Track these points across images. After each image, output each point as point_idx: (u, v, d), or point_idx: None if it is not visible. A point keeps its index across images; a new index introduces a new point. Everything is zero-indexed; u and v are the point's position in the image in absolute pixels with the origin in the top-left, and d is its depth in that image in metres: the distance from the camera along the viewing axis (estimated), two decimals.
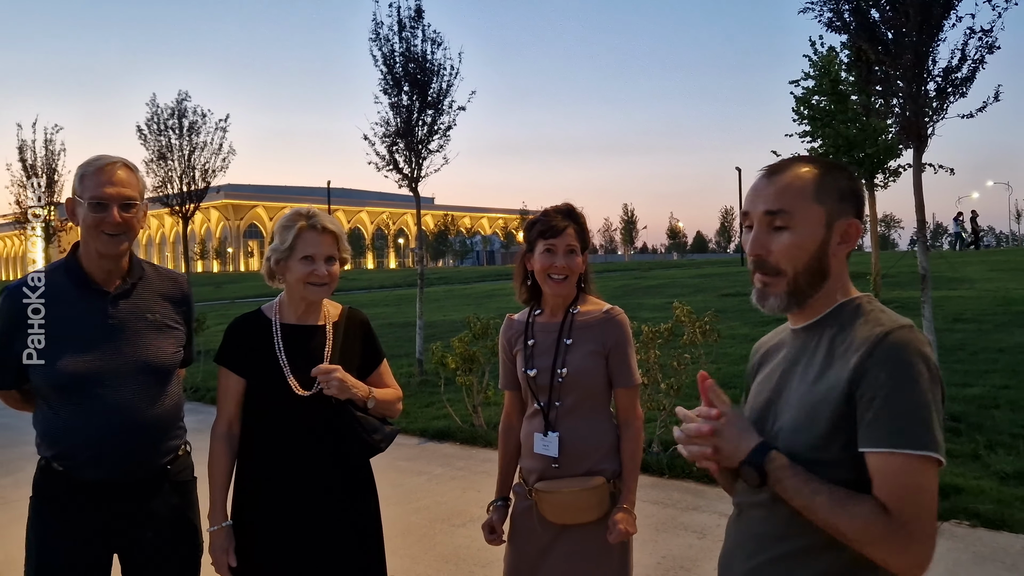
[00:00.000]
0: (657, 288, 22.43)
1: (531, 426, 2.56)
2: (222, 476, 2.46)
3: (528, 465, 2.57)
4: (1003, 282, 17.51)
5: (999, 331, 10.92)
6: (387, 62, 11.06)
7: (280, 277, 2.50)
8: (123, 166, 2.30)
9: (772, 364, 1.64)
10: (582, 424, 2.48)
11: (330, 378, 2.34)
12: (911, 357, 1.35)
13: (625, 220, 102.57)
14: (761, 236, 1.51)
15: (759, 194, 1.53)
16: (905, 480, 1.31)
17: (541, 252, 2.51)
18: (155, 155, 16.06)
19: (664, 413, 6.48)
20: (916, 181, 7.13)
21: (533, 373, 2.53)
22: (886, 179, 17.31)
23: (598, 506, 2.40)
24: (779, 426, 1.50)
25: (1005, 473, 5.53)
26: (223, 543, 2.41)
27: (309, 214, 2.48)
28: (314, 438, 2.42)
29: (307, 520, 2.40)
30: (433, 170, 11.43)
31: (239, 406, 2.49)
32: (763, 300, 1.54)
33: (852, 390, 1.37)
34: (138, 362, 2.31)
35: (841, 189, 1.51)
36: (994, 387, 7.99)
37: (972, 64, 6.62)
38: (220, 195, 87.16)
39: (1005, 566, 4.21)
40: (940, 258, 27.28)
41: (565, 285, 2.51)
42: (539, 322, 2.61)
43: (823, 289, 1.52)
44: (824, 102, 16.98)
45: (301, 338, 2.49)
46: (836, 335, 1.48)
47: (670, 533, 4.88)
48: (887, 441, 1.32)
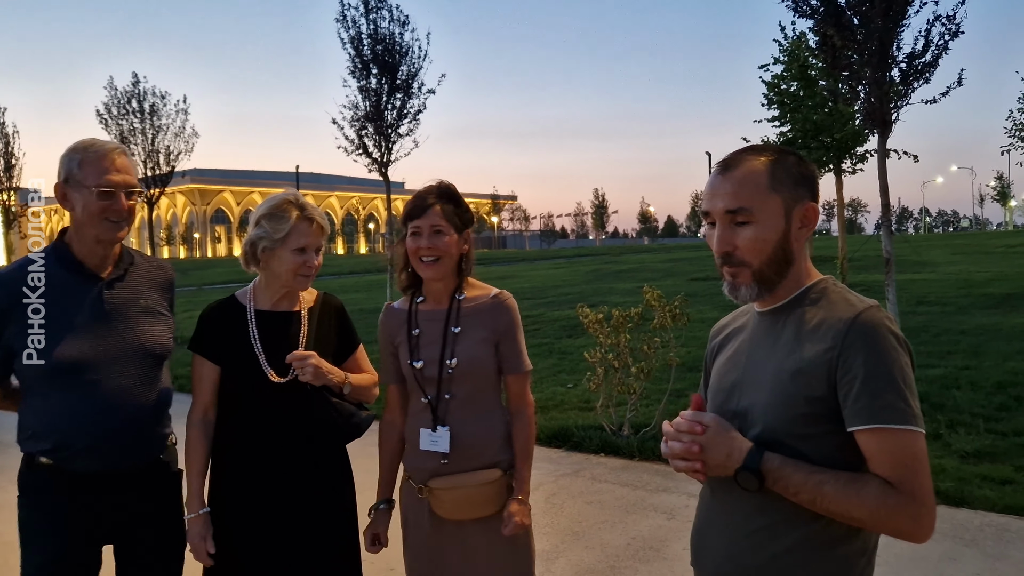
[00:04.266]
0: (628, 272, 22.56)
1: (417, 422, 2.41)
2: (199, 463, 2.44)
3: (414, 464, 2.42)
4: (965, 265, 17.88)
5: (961, 313, 11.15)
6: (354, 44, 10.98)
7: (264, 264, 2.46)
8: (122, 152, 2.29)
9: (735, 345, 1.67)
10: (473, 417, 2.36)
11: (305, 364, 2.32)
12: (884, 335, 1.42)
13: (596, 205, 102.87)
14: (725, 233, 1.54)
15: (717, 192, 1.55)
16: (901, 453, 1.37)
17: (409, 234, 2.35)
18: (117, 139, 15.79)
19: (635, 396, 6.53)
20: (881, 166, 7.23)
21: (419, 365, 2.37)
22: (853, 164, 17.54)
23: (496, 499, 2.32)
24: (747, 404, 1.54)
25: (965, 452, 5.66)
26: (201, 530, 2.39)
27: (300, 204, 2.44)
28: (289, 424, 2.41)
29: (283, 506, 2.40)
30: (403, 154, 11.42)
31: (214, 393, 2.47)
32: (735, 292, 1.58)
33: (831, 371, 1.42)
34: (135, 347, 2.29)
35: (794, 175, 1.54)
36: (955, 368, 8.17)
37: (936, 50, 6.72)
38: (186, 180, 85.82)
39: (964, 541, 4.31)
40: (904, 242, 27.76)
41: (436, 268, 2.33)
42: (423, 310, 2.44)
43: (789, 274, 1.56)
44: (793, 87, 17.14)
45: (276, 324, 2.48)
46: (804, 316, 1.52)
47: (639, 515, 4.94)
48: (876, 418, 1.38)
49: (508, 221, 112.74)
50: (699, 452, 1.48)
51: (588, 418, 7.10)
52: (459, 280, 2.43)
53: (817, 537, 1.46)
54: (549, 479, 5.74)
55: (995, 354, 8.60)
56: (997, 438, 5.96)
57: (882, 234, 7.23)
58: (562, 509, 5.11)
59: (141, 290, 2.39)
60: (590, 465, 6.10)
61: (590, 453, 6.39)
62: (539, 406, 7.94)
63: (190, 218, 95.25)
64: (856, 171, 17.76)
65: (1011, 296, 12.18)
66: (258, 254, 2.45)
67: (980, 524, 4.54)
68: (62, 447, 2.22)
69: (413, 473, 2.42)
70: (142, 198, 2.70)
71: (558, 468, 6.03)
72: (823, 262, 19.33)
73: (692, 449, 1.48)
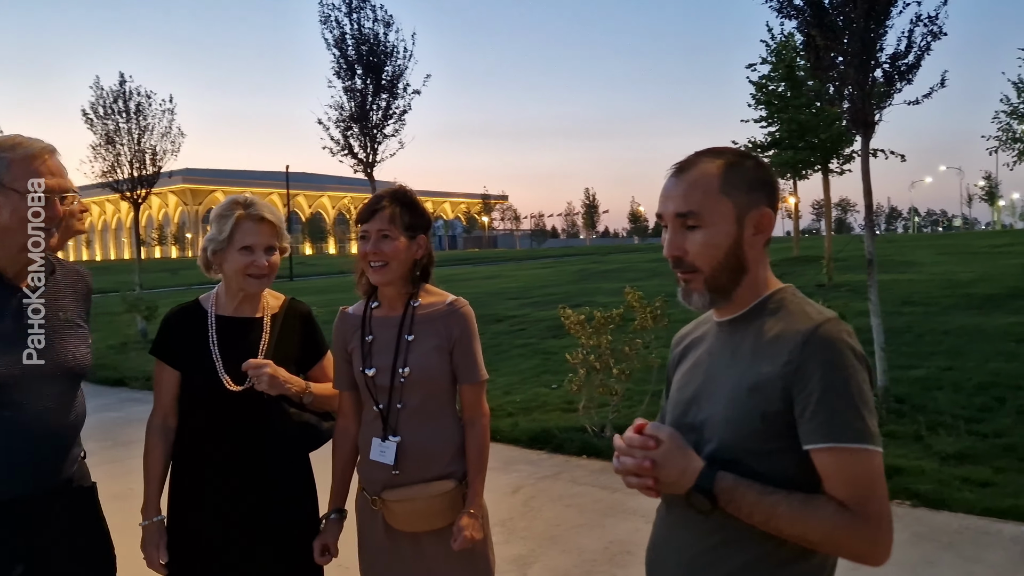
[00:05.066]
0: (614, 272, 22.55)
1: (369, 431, 2.34)
2: (156, 469, 2.40)
3: (366, 474, 2.35)
4: (950, 265, 17.93)
5: (945, 314, 11.16)
6: (338, 45, 10.91)
7: (217, 268, 2.43)
8: (52, 152, 2.09)
9: (695, 356, 1.63)
10: (426, 427, 2.29)
11: (260, 373, 2.27)
12: (842, 349, 1.37)
13: (587, 204, 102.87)
14: (676, 238, 1.50)
15: (669, 195, 1.51)
16: (857, 473, 1.33)
17: (359, 238, 2.31)
18: (103, 139, 15.67)
19: (616, 398, 6.50)
20: (864, 167, 7.22)
21: (372, 373, 2.31)
22: (840, 165, 17.60)
23: (450, 510, 2.26)
24: (704, 417, 1.50)
25: (946, 454, 5.65)
26: (154, 538, 2.35)
27: (247, 202, 2.41)
28: (246, 434, 2.36)
29: (240, 517, 2.35)
30: (389, 155, 11.36)
31: (175, 399, 2.44)
32: (687, 297, 1.54)
33: (787, 387, 1.38)
34: (58, 364, 2.09)
35: (749, 180, 1.49)
36: (938, 368, 8.16)
37: (918, 51, 6.71)
38: (178, 179, 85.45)
39: (942, 544, 4.30)
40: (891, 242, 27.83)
41: (383, 272, 2.27)
42: (376, 316, 2.37)
43: (744, 282, 1.51)
44: (781, 88, 17.19)
45: (237, 331, 2.43)
46: (761, 328, 1.48)
47: (617, 518, 4.91)
48: (832, 436, 1.33)
49: (499, 221, 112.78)
50: (651, 468, 1.43)
51: (570, 420, 7.07)
52: (415, 286, 2.37)
53: (773, 556, 1.41)
54: (528, 482, 5.71)
55: (977, 355, 8.61)
56: (978, 440, 5.95)
57: (864, 235, 7.22)
58: (540, 513, 5.08)
59: (59, 300, 2.19)
60: (570, 467, 6.07)
61: (571, 455, 6.36)
62: (522, 407, 7.94)
63: (182, 218, 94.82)
64: (844, 172, 17.85)
65: (994, 296, 12.20)
66: (210, 258, 2.42)
67: (959, 527, 4.52)
68: None
69: (366, 484, 2.37)
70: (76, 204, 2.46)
71: (538, 470, 6.00)
72: (809, 262, 19.38)
73: (644, 465, 1.43)
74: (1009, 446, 5.75)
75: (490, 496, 2.47)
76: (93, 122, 15.75)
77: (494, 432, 6.99)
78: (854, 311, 9.73)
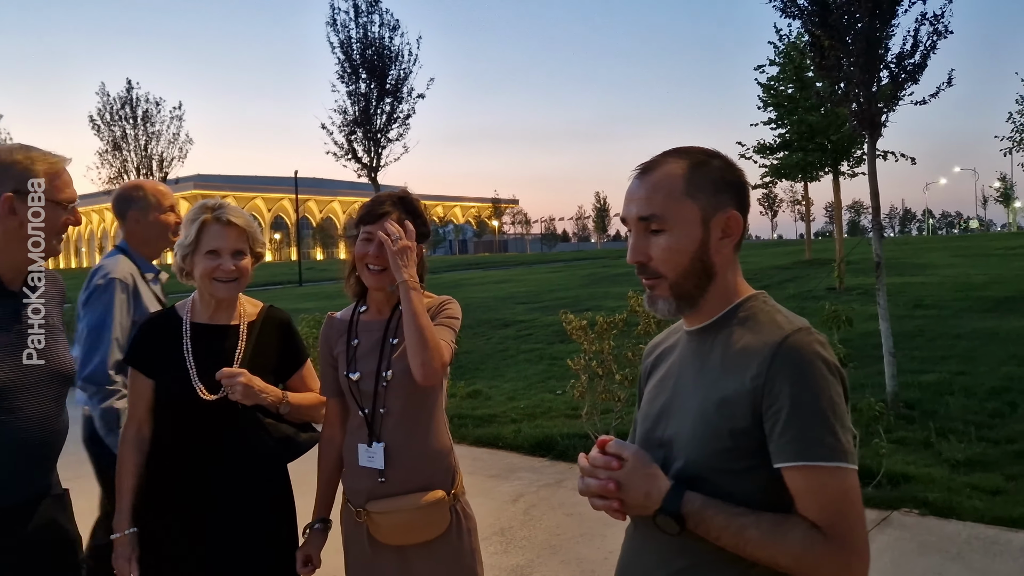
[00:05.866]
0: (624, 276, 22.42)
1: (354, 438, 2.28)
2: (130, 481, 2.35)
3: (352, 484, 2.29)
4: (964, 268, 17.72)
5: (957, 317, 11.00)
6: (344, 49, 10.89)
7: (189, 273, 2.39)
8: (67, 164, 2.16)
9: (665, 367, 1.55)
10: (410, 433, 2.23)
11: (234, 382, 2.21)
12: (811, 361, 1.29)
13: (597, 208, 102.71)
14: (639, 242, 1.43)
15: (632, 197, 1.44)
16: (829, 493, 1.25)
17: (360, 239, 2.25)
18: (109, 145, 15.73)
19: (620, 404, 6.42)
20: (871, 169, 7.13)
21: (356, 377, 2.26)
22: (851, 167, 17.43)
23: (438, 523, 2.20)
24: (672, 433, 1.42)
25: (956, 460, 5.53)
26: (126, 551, 2.30)
27: (215, 206, 2.38)
28: (220, 445, 2.31)
29: (214, 530, 2.29)
30: (393, 159, 11.31)
31: (149, 409, 2.39)
32: (653, 304, 1.46)
33: (756, 402, 1.30)
34: (51, 369, 2.13)
35: (715, 181, 1.41)
36: (949, 373, 8.03)
37: (924, 50, 6.60)
38: (189, 185, 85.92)
39: (950, 555, 4.19)
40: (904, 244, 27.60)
41: (381, 277, 2.23)
42: (363, 320, 2.33)
43: (711, 288, 1.43)
44: (789, 89, 17.06)
45: (211, 338, 2.38)
46: (730, 338, 1.40)
47: (618, 528, 4.71)
48: (802, 455, 1.25)
49: (509, 225, 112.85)
50: (615, 490, 1.35)
51: (574, 426, 6.99)
52: None
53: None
54: (530, 490, 5.63)
55: (990, 359, 8.47)
56: (989, 446, 5.84)
57: (872, 237, 7.10)
58: (540, 522, 4.99)
59: (47, 306, 2.22)
60: (572, 475, 5.98)
61: (573, 462, 6.26)
62: (526, 413, 7.87)
63: None
64: (855, 174, 17.68)
65: (1008, 299, 12.02)
66: (181, 263, 2.39)
67: (968, 536, 4.41)
68: None
69: (351, 495, 2.30)
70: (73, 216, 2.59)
71: (540, 478, 5.92)
72: (821, 265, 19.21)
73: (608, 487, 1.35)
74: (1021, 452, 5.63)
75: (491, 505, 2.40)
76: (100, 128, 15.84)
77: (496, 439, 6.98)
78: (864, 315, 9.62)
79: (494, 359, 11.14)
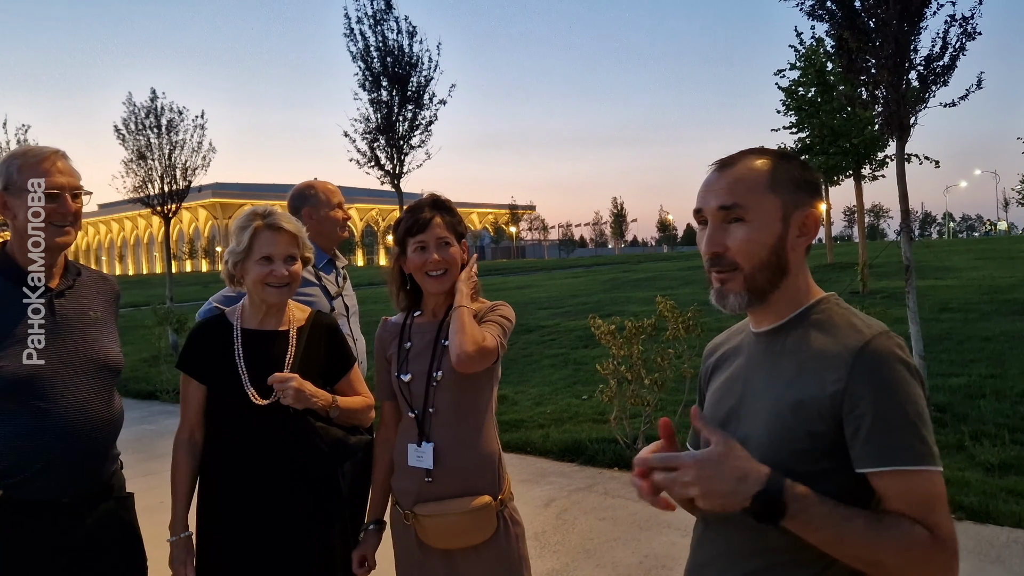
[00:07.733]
0: (646, 281, 22.40)
1: (404, 438, 2.32)
2: (183, 485, 2.39)
3: (400, 485, 2.32)
4: (989, 271, 17.56)
5: (984, 320, 10.91)
6: (363, 57, 10.97)
7: (240, 280, 2.43)
8: (62, 156, 2.21)
9: (731, 369, 1.54)
10: (460, 433, 2.26)
11: (285, 387, 2.24)
12: (895, 366, 1.28)
13: (615, 213, 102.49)
14: (716, 232, 1.42)
15: (711, 189, 1.44)
16: (919, 496, 1.25)
17: (413, 251, 2.32)
18: (135, 155, 15.90)
19: (649, 409, 6.41)
20: (899, 172, 7.08)
21: (407, 378, 2.31)
22: (873, 170, 17.34)
23: (485, 527, 2.22)
24: (743, 434, 1.40)
25: (990, 464, 5.49)
26: (182, 555, 2.33)
27: (266, 212, 2.41)
28: (272, 449, 2.33)
29: (268, 533, 2.32)
30: (416, 166, 11.37)
31: (201, 413, 2.42)
32: (722, 299, 1.44)
33: (835, 406, 1.29)
34: (90, 360, 2.19)
35: (796, 179, 1.42)
36: (979, 376, 7.96)
37: (953, 52, 6.57)
38: (208, 194, 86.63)
39: (990, 559, 4.16)
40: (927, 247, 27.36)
41: (446, 280, 2.32)
42: (417, 323, 2.40)
43: (783, 286, 1.43)
44: (811, 93, 17.00)
45: (262, 344, 2.41)
46: (805, 341, 1.39)
47: (653, 531, 4.82)
48: (890, 459, 1.25)
49: (527, 231, 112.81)
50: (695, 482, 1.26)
51: (602, 431, 6.99)
52: None
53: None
54: (562, 494, 5.63)
55: (1020, 362, 8.39)
56: (1023, 449, 5.78)
57: (902, 240, 7.06)
58: (574, 526, 5.00)
59: (90, 301, 2.30)
60: (603, 480, 5.98)
61: (603, 467, 6.27)
62: (553, 418, 7.87)
63: (212, 232, 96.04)
64: (877, 177, 17.58)
65: None
66: (232, 270, 2.42)
67: (1006, 540, 4.37)
68: (13, 472, 2.05)
69: (399, 497, 2.33)
70: (88, 199, 2.63)
71: (571, 483, 5.92)
72: (843, 269, 19.11)
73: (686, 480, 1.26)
74: None
75: (523, 509, 2.42)
76: (125, 138, 16.00)
77: (525, 444, 6.99)
78: (891, 318, 9.55)
79: (519, 364, 11.16)
